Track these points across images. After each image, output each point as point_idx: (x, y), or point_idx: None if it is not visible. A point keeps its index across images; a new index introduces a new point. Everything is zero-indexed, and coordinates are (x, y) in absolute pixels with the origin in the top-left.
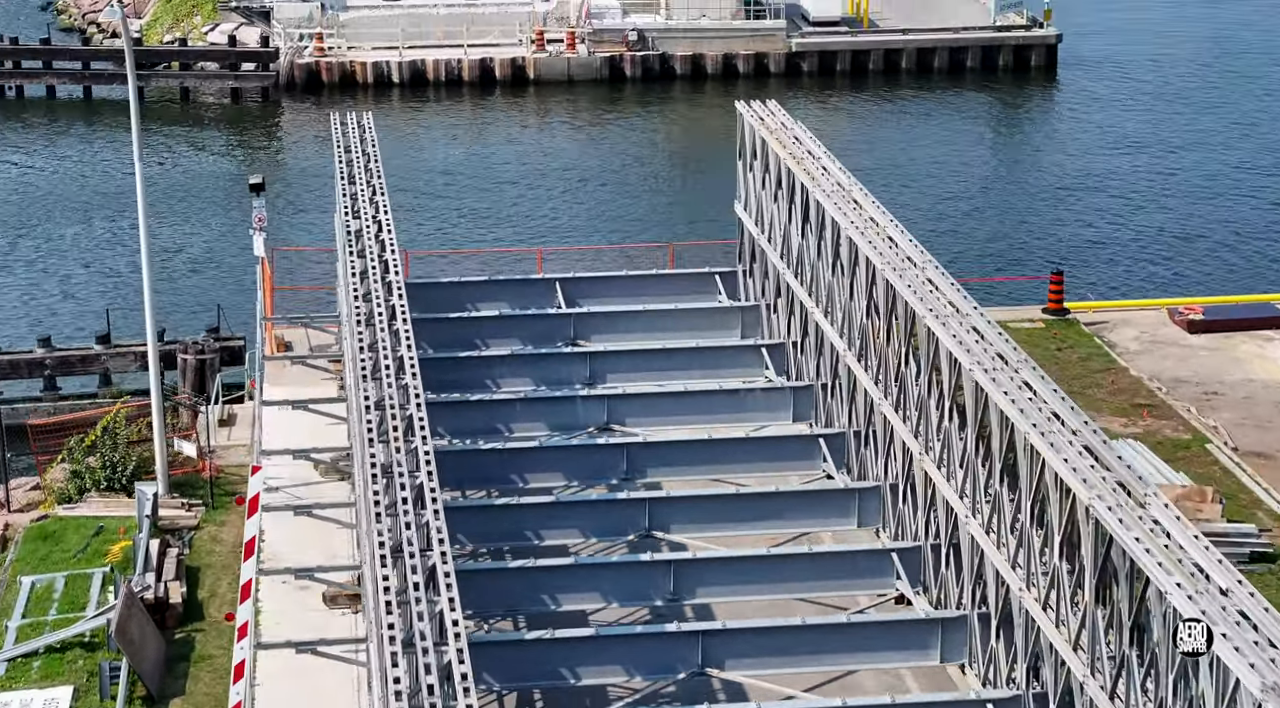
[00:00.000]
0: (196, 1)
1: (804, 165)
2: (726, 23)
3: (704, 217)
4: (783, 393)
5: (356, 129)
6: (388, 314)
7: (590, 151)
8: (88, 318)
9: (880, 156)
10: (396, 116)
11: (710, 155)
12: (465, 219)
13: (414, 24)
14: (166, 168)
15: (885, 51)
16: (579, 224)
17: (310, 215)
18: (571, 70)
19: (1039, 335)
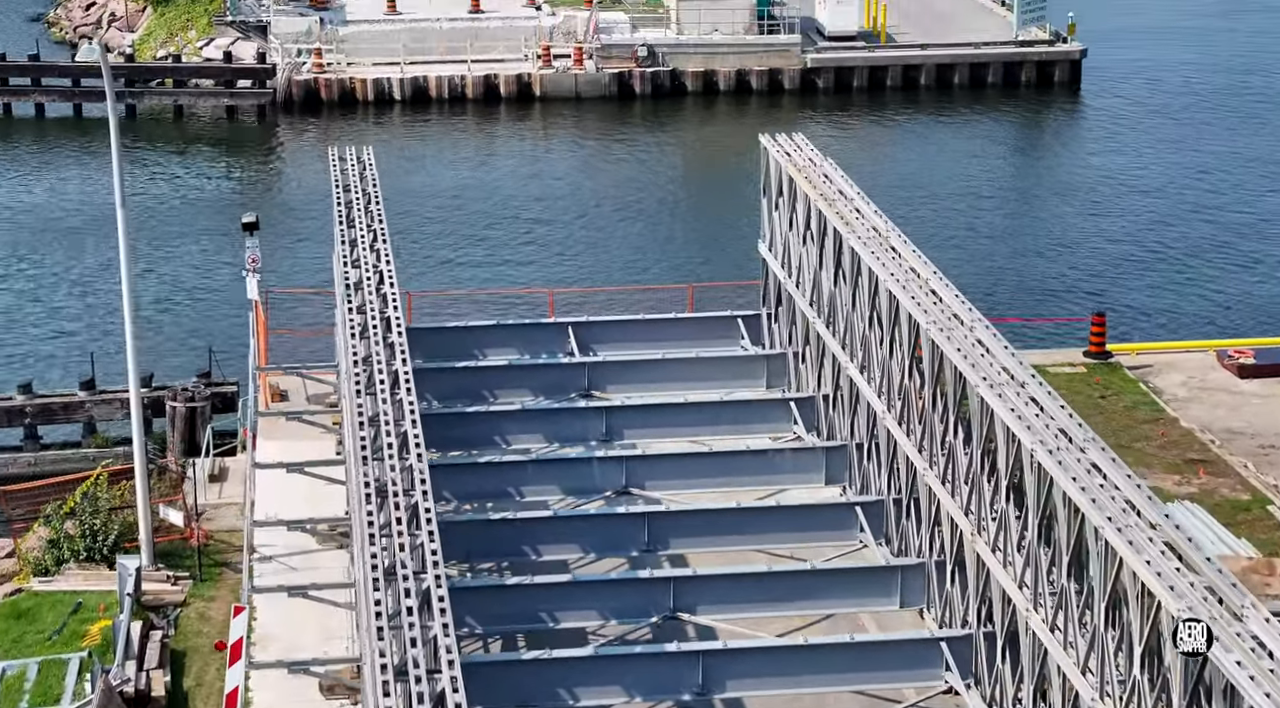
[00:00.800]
0: (191, 15)
1: (836, 207)
2: (739, 38)
3: (722, 248)
4: (814, 454)
5: (356, 165)
6: (390, 382)
7: (600, 175)
8: (72, 361)
9: (900, 178)
10: (397, 135)
11: (726, 180)
12: (470, 250)
13: (416, 39)
14: (157, 192)
15: (903, 67)
16: (591, 256)
17: (308, 245)
18: (579, 87)
19: (1080, 381)
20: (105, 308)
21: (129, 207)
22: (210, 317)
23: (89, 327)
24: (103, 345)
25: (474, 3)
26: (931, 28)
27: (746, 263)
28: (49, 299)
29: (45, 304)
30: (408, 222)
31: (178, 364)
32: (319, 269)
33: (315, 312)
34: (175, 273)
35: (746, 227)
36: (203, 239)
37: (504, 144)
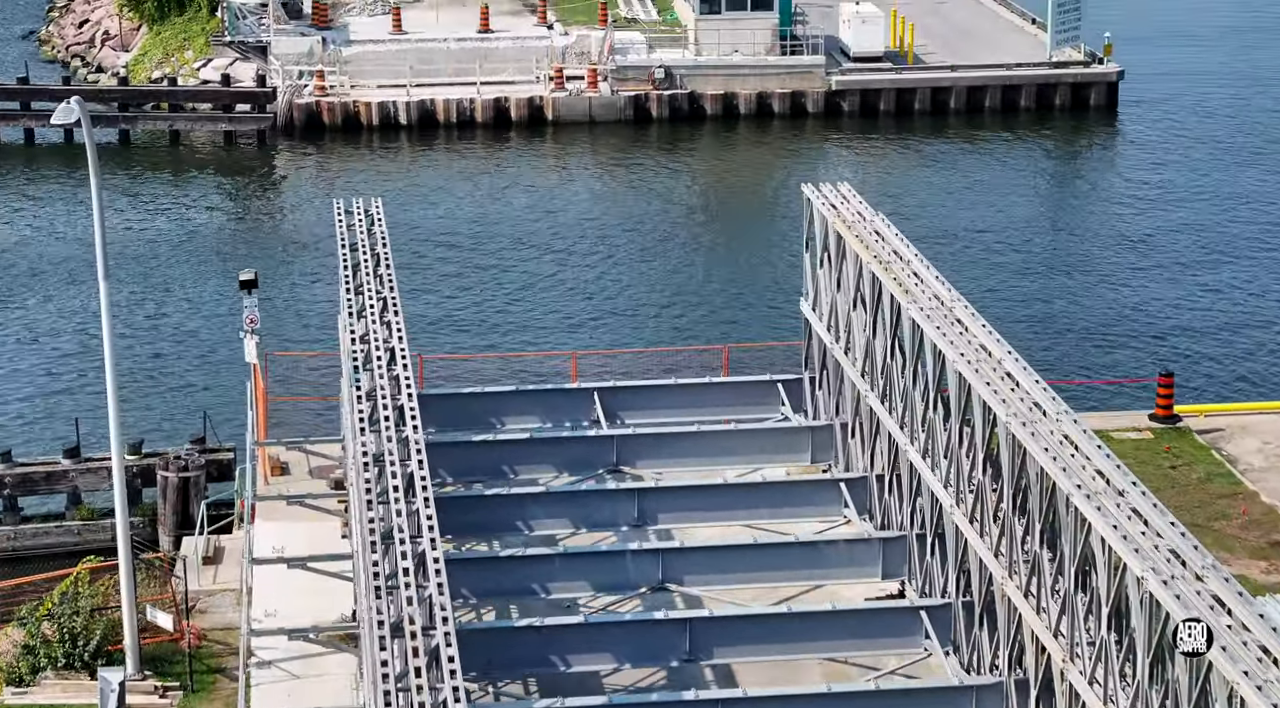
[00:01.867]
0: (188, 35)
1: (893, 272)
2: (761, 59)
3: (756, 298)
4: (869, 546)
5: (363, 219)
6: (404, 483)
7: (618, 209)
8: (56, 424)
9: (930, 210)
10: (403, 163)
11: (754, 217)
12: (483, 298)
13: (423, 60)
14: (151, 226)
15: (932, 90)
16: (612, 305)
17: (311, 290)
18: (593, 110)
19: (1148, 449)
20: (94, 364)
21: (119, 242)
22: (206, 369)
23: (75, 385)
24: (90, 408)
25: (483, 22)
26: (960, 48)
27: (783, 319)
28: (31, 352)
29: (27, 358)
30: (415, 264)
31: (170, 428)
32: (323, 319)
33: (319, 374)
34: (169, 322)
35: (781, 274)
36: (198, 283)
37: (516, 173)
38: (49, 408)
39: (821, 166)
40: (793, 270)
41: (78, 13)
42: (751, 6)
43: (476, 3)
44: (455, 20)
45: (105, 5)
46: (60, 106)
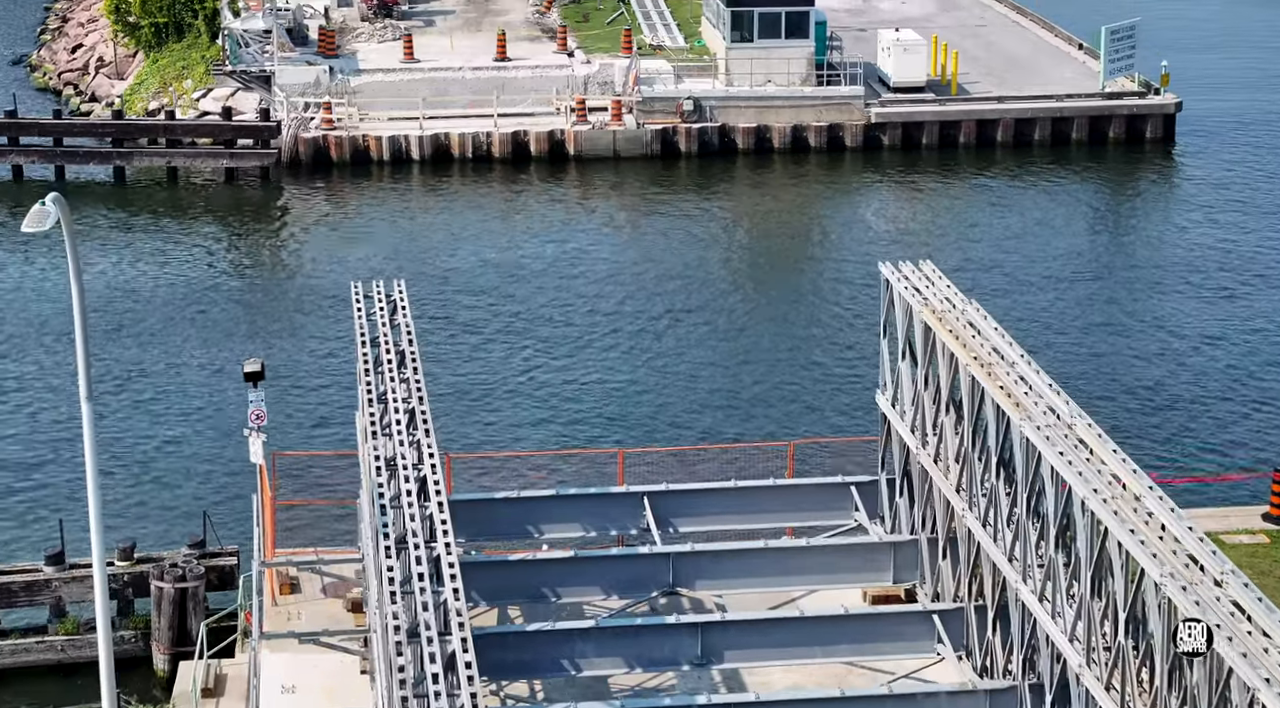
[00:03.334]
0: (187, 63)
1: (997, 377)
2: (796, 90)
3: (812, 367)
4: (974, 698)
5: (384, 304)
6: (439, 629)
7: (648, 258)
8: (37, 525)
9: (979, 252)
10: (415, 203)
11: (801, 270)
12: (505, 367)
13: (436, 90)
14: (146, 278)
15: (978, 122)
16: (651, 377)
17: (323, 366)
18: (617, 145)
19: (1266, 556)
20: (78, 457)
21: (109, 300)
22: (206, 460)
23: (59, 481)
24: (77, 504)
25: (500, 49)
26: (1006, 77)
27: (854, 409)
28: (9, 435)
29: (4, 444)
30: (429, 325)
31: (166, 528)
32: (335, 408)
33: (333, 474)
34: (164, 400)
35: (841, 347)
36: (198, 355)
37: (536, 216)
38: (30, 504)
39: (863, 205)
40: (856, 342)
41: (71, 36)
42: (785, 34)
43: (492, 28)
44: (470, 47)
45: (100, 29)
46: (35, 209)
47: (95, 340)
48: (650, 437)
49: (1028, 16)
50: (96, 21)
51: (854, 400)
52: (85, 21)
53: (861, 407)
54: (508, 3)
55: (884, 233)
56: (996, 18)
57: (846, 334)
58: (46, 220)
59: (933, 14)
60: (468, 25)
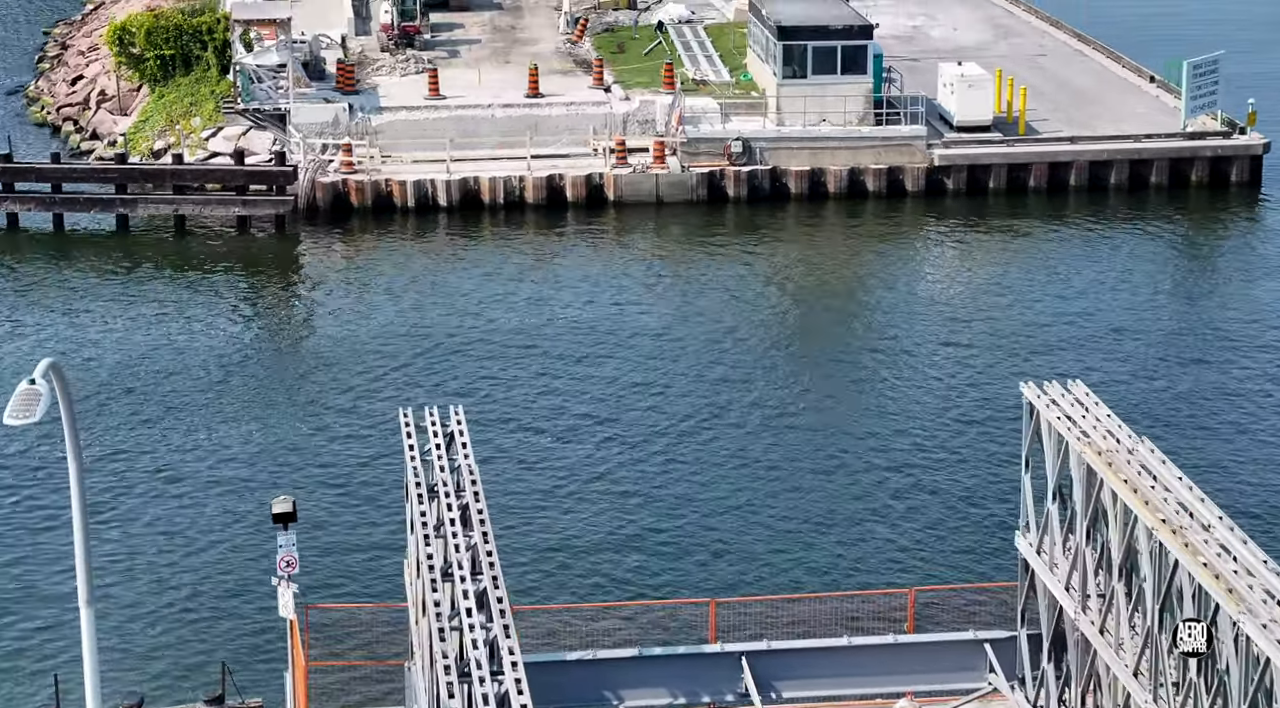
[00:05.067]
0: (195, 98)
1: (1195, 548)
2: (852, 130)
3: (916, 482)
4: None
5: (440, 439)
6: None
7: (694, 317)
8: (33, 678)
9: (1056, 315)
10: (442, 254)
11: (860, 332)
12: (553, 469)
13: (464, 130)
14: (147, 350)
15: (1049, 165)
16: (725, 487)
17: (361, 490)
18: (660, 189)
19: None
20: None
21: (106, 382)
22: (224, 598)
23: (52, 627)
24: (72, 658)
25: (531, 85)
26: (1076, 114)
27: (987, 553)
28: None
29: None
30: (453, 384)
31: (177, 679)
32: (377, 547)
33: (371, 626)
34: (168, 520)
35: (943, 455)
36: (208, 442)
37: (575, 271)
38: (22, 653)
39: (926, 257)
40: (960, 449)
41: (71, 66)
42: (841, 70)
43: (521, 59)
44: (500, 81)
45: (101, 59)
46: (22, 390)
47: (89, 427)
48: (738, 578)
49: (1090, 44)
50: (98, 50)
51: (980, 538)
52: (86, 50)
53: (989, 545)
54: (537, 30)
55: (951, 292)
56: (1057, 46)
57: (947, 437)
58: (36, 407)
59: (988, 42)
60: (495, 56)
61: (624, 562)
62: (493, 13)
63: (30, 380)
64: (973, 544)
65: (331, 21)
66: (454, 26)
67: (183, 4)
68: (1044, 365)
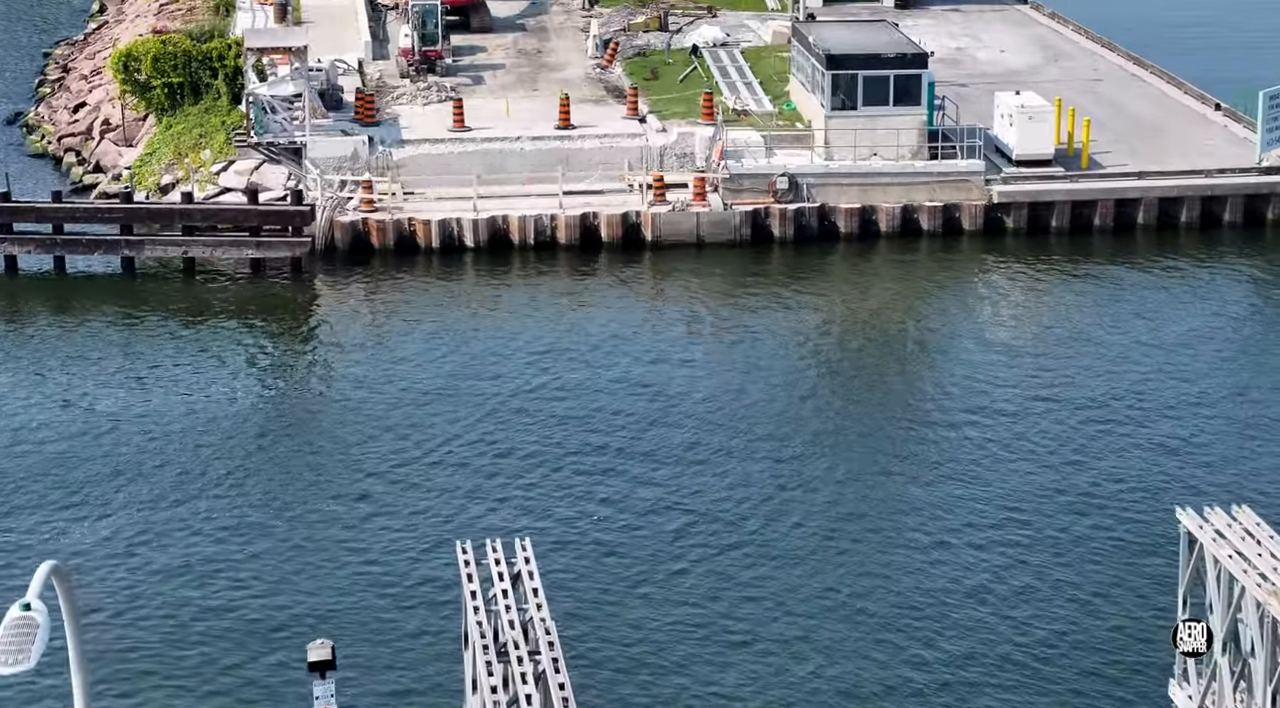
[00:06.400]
0: (205, 129)
1: None
2: (905, 165)
3: (1031, 590)
4: None
5: (506, 584)
6: None
7: (746, 373)
8: None
9: (1152, 371)
10: (469, 300)
11: (924, 391)
12: (613, 551)
13: (491, 165)
14: (149, 414)
15: (1115, 202)
16: (810, 604)
17: (398, 610)
18: (701, 229)
19: None
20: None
21: (100, 463)
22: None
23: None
24: None
25: (562, 116)
26: (1139, 146)
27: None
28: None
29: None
30: (490, 467)
31: None
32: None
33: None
34: (170, 663)
35: (1040, 546)
36: (218, 562)
37: (611, 320)
38: None
39: (986, 303)
40: (1094, 559)
41: (73, 92)
42: (894, 101)
43: (549, 85)
44: (528, 111)
45: (105, 84)
46: (13, 619)
47: (79, 503)
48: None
49: (1148, 68)
50: (101, 74)
51: (1113, 681)
52: (89, 73)
53: (1127, 689)
54: (564, 54)
55: (1015, 342)
56: (1112, 69)
57: (1060, 537)
58: (32, 647)
59: (1038, 65)
60: (521, 82)
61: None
62: (516, 34)
63: (24, 605)
64: (1103, 687)
65: (347, 44)
66: (476, 50)
67: (191, 25)
68: (1155, 436)
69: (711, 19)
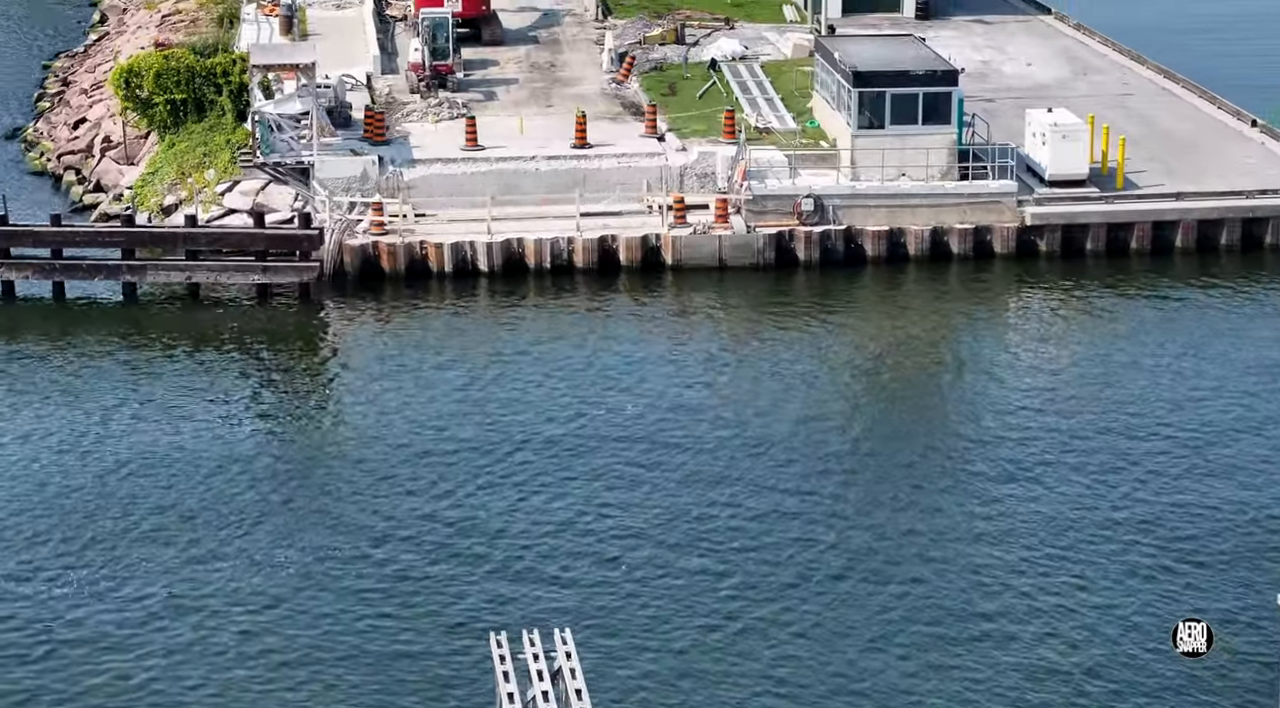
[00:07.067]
0: (209, 148)
1: None
2: (935, 186)
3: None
4: None
5: (542, 672)
6: None
7: (773, 405)
8: None
9: (1177, 394)
10: (483, 327)
11: (964, 422)
12: (658, 617)
13: (505, 185)
14: (150, 456)
15: (1153, 224)
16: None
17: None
18: (723, 252)
19: None
20: None
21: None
22: None
23: None
24: None
25: (579, 134)
26: (1175, 165)
27: None
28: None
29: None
30: (508, 508)
31: None
32: None
33: None
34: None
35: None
36: (225, 585)
37: (631, 349)
38: None
39: (1020, 330)
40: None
41: (73, 107)
42: (923, 119)
43: (563, 101)
44: (543, 128)
45: (106, 99)
46: None
47: (71, 564)
48: None
49: (1179, 82)
50: (102, 89)
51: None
52: (89, 87)
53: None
54: (578, 68)
55: (1051, 371)
56: (1142, 83)
57: (1128, 604)
58: None
59: (1065, 79)
60: (535, 98)
61: None
62: (529, 47)
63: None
64: None
65: (355, 58)
66: (488, 63)
67: (194, 37)
68: (1216, 464)
69: (729, 31)
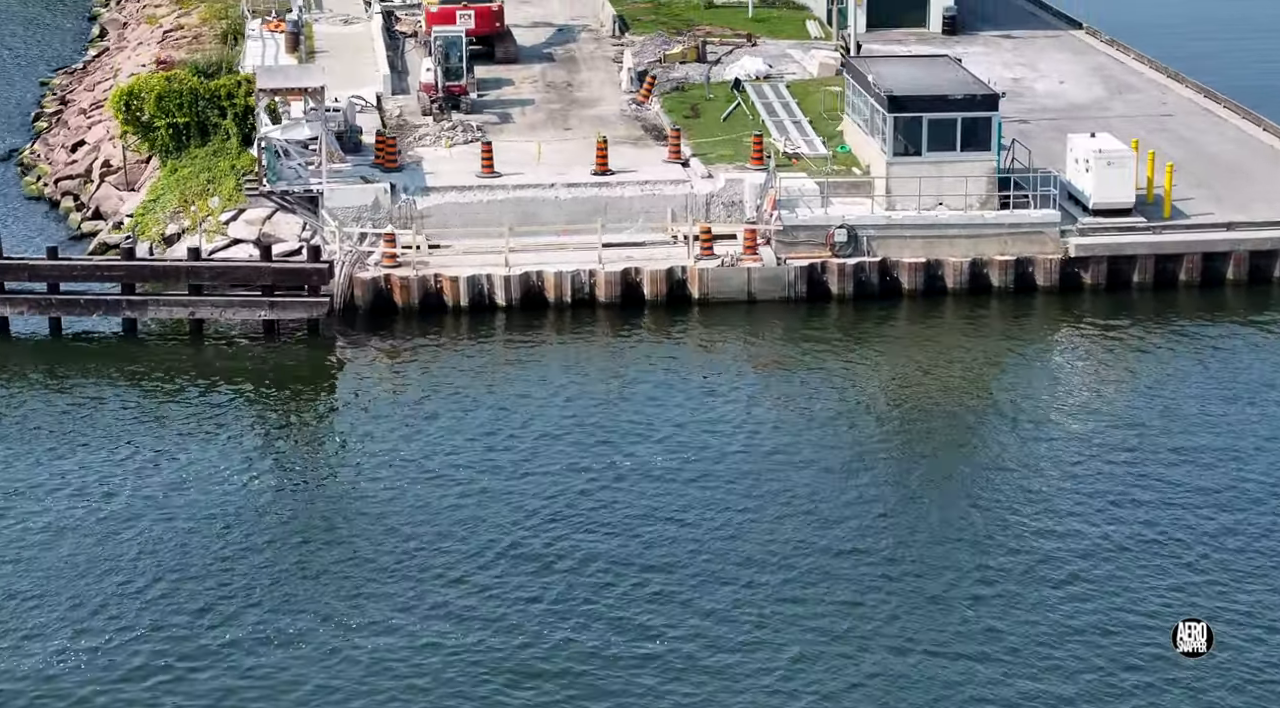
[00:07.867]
0: (213, 174)
1: None
2: (974, 215)
3: None
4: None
5: None
6: None
7: (808, 447)
8: None
9: (1234, 437)
10: (500, 365)
11: (1011, 464)
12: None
13: (523, 214)
14: (153, 504)
15: (1203, 256)
16: None
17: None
18: (753, 285)
19: None
20: None
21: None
22: None
23: None
24: None
25: (600, 161)
26: (1223, 191)
27: None
28: None
29: None
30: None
31: None
32: None
33: None
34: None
35: None
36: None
37: (656, 389)
38: None
39: (1065, 369)
40: None
41: (71, 128)
42: (961, 146)
43: (581, 124)
44: (561, 154)
45: (105, 120)
46: None
47: (61, 617)
48: None
49: (1220, 102)
50: (101, 108)
51: None
52: (88, 107)
53: None
54: (596, 88)
55: (1097, 409)
56: (1182, 103)
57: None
58: None
59: (1102, 99)
60: (552, 121)
61: None
62: (544, 65)
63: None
64: None
65: (364, 77)
66: (503, 83)
67: (197, 55)
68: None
69: (751, 48)
